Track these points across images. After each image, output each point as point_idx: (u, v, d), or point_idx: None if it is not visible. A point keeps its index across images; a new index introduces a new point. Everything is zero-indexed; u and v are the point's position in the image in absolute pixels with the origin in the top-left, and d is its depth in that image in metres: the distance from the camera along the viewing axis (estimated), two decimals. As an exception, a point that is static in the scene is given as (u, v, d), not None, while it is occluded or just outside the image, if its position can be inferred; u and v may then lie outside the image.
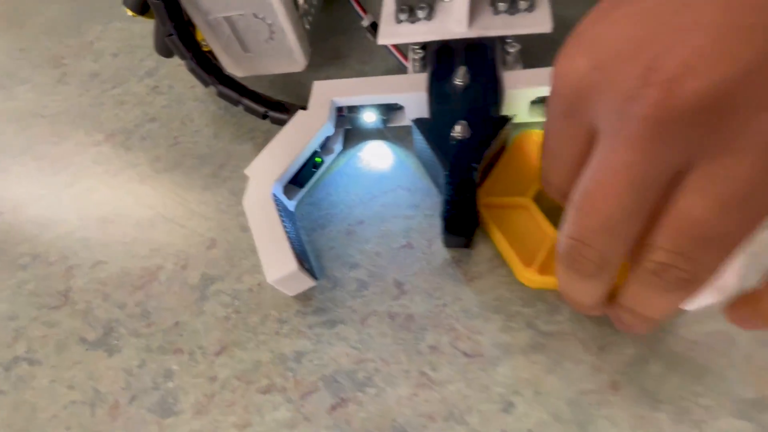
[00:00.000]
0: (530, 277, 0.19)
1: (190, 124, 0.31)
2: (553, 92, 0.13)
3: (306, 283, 0.22)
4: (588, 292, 0.14)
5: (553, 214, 0.19)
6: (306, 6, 0.28)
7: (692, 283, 0.12)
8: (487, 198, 0.22)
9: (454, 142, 0.21)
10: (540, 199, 0.21)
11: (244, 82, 0.27)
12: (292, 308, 0.22)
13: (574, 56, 0.12)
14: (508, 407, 0.18)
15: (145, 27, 0.37)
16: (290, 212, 0.24)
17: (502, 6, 0.23)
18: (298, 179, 0.25)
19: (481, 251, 0.22)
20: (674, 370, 0.17)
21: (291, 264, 0.20)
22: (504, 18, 0.23)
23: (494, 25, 0.23)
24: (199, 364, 0.22)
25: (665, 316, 0.14)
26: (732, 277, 0.16)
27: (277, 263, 0.20)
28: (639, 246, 0.12)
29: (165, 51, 0.28)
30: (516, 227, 0.20)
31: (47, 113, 0.36)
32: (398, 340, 0.20)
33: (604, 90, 0.11)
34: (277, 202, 0.23)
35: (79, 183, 0.31)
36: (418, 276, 0.22)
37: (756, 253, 0.17)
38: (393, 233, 0.23)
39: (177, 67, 0.35)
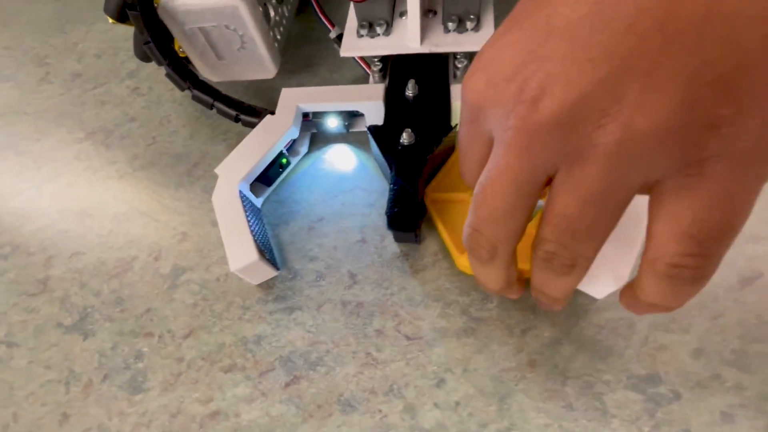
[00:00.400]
0: (464, 263, 0.21)
1: (168, 125, 0.33)
2: (461, 103, 0.16)
3: (268, 272, 0.24)
4: (490, 276, 0.17)
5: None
6: (277, 18, 0.30)
7: (575, 268, 0.14)
8: (433, 194, 0.24)
9: (401, 148, 0.23)
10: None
11: (219, 87, 0.29)
12: (255, 296, 0.24)
13: (475, 74, 0.15)
14: (440, 383, 0.20)
15: (129, 30, 0.39)
16: (257, 209, 0.27)
17: (451, 26, 0.25)
18: (266, 178, 0.27)
19: (427, 246, 0.24)
20: (582, 350, 0.20)
21: (252, 254, 0.22)
22: (453, 36, 0.26)
23: (444, 43, 0.26)
24: (168, 346, 0.24)
25: (566, 295, 0.17)
26: (626, 269, 0.19)
27: (240, 254, 0.22)
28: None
29: (144, 56, 0.30)
30: (456, 219, 0.23)
31: (30, 111, 0.37)
32: (349, 324, 0.23)
33: (494, 104, 0.14)
34: (243, 199, 0.25)
35: (60, 178, 0.32)
36: (370, 268, 0.24)
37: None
38: (350, 229, 0.26)
39: (157, 70, 0.37)
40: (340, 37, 0.30)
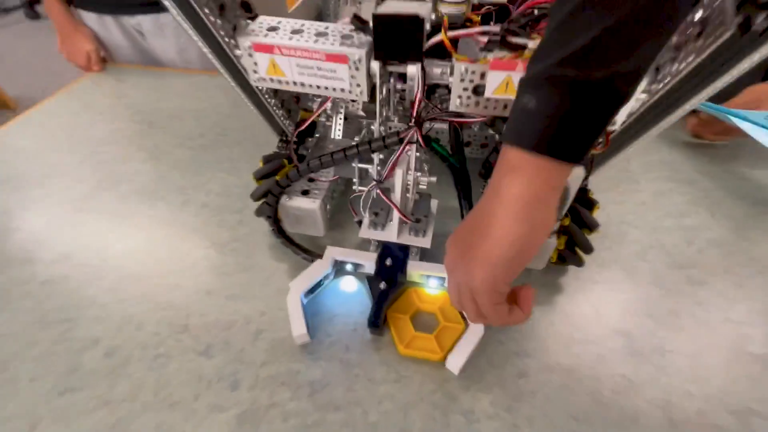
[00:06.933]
0: (402, 349, 0.47)
1: (261, 246, 0.61)
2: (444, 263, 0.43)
3: (306, 339, 0.49)
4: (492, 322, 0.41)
5: (418, 323, 0.48)
6: (329, 207, 0.60)
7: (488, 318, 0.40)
8: (391, 313, 0.50)
9: (378, 291, 0.50)
10: (414, 316, 0.50)
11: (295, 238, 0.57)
12: (298, 348, 0.49)
13: (449, 249, 0.41)
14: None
15: (240, 179, 0.69)
16: (305, 305, 0.53)
17: (413, 232, 0.55)
18: (312, 290, 0.53)
19: (385, 336, 0.50)
20: (445, 396, 0.45)
21: (303, 330, 0.48)
22: (413, 236, 0.55)
23: (409, 239, 0.54)
24: (251, 369, 0.48)
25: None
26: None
27: (297, 328, 0.48)
28: None
29: (258, 212, 0.59)
30: (400, 327, 0.49)
31: (175, 224, 0.65)
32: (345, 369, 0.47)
33: (457, 269, 0.40)
34: (302, 300, 0.51)
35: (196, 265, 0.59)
36: (358, 343, 0.50)
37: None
38: (348, 323, 0.52)
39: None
40: (359, 222, 0.58)
